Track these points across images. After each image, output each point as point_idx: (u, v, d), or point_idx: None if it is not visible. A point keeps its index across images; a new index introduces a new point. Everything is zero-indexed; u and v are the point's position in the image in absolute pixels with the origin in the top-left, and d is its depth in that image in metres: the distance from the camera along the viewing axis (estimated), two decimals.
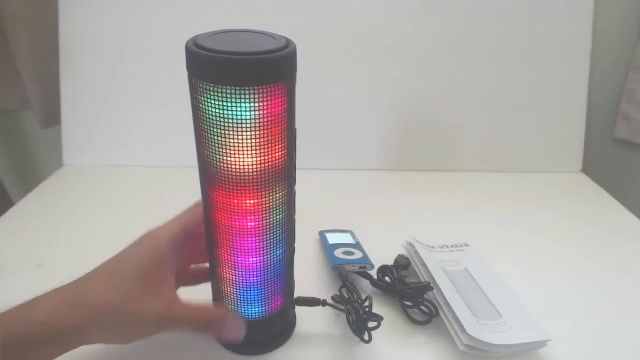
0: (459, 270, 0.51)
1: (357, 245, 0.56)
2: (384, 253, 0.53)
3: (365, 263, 0.51)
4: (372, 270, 0.51)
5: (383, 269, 0.51)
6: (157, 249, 0.36)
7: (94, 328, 0.33)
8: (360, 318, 0.42)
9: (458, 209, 0.69)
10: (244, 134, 0.32)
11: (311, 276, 0.53)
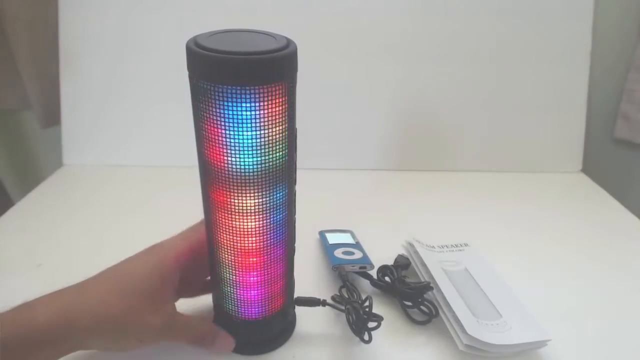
0: (459, 270, 0.51)
1: (357, 245, 0.56)
2: (384, 253, 0.53)
3: (365, 263, 0.51)
4: (372, 270, 0.51)
5: (383, 269, 0.51)
6: (163, 263, 0.36)
7: (93, 335, 0.34)
8: (360, 318, 0.42)
9: (458, 209, 0.69)
10: (244, 134, 0.32)
11: (311, 276, 0.53)
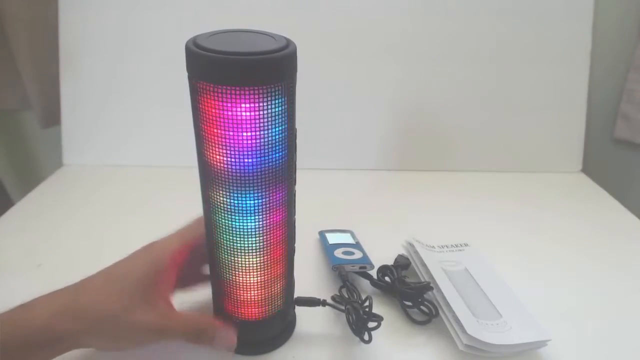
0: (459, 270, 0.51)
1: (357, 245, 0.56)
2: (384, 253, 0.53)
3: (365, 263, 0.51)
4: (372, 270, 0.51)
5: (383, 269, 0.51)
6: (160, 263, 0.36)
7: (91, 335, 0.34)
8: (360, 318, 0.42)
9: (458, 209, 0.69)
10: (244, 134, 0.32)
11: (311, 276, 0.53)
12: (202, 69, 0.31)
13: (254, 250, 0.37)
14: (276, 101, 0.32)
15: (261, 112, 0.31)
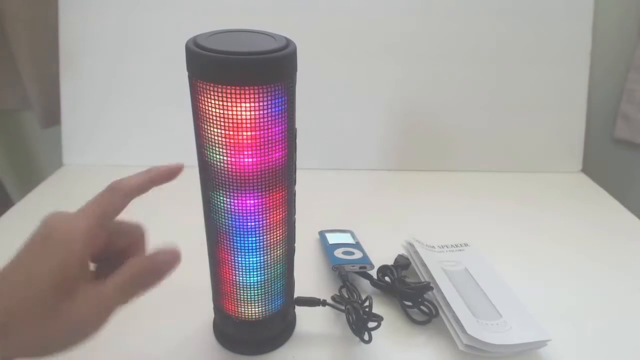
0: (459, 270, 0.51)
1: (357, 245, 0.56)
2: (384, 253, 0.53)
3: (365, 263, 0.51)
4: (372, 270, 0.51)
5: (383, 269, 0.51)
6: (73, 254, 0.29)
7: (15, 344, 0.28)
8: (360, 318, 0.42)
9: (458, 209, 0.69)
10: (244, 134, 0.32)
11: (311, 276, 0.53)
12: (203, 69, 0.31)
13: (254, 250, 0.37)
14: (276, 101, 0.32)
15: (261, 112, 0.31)
